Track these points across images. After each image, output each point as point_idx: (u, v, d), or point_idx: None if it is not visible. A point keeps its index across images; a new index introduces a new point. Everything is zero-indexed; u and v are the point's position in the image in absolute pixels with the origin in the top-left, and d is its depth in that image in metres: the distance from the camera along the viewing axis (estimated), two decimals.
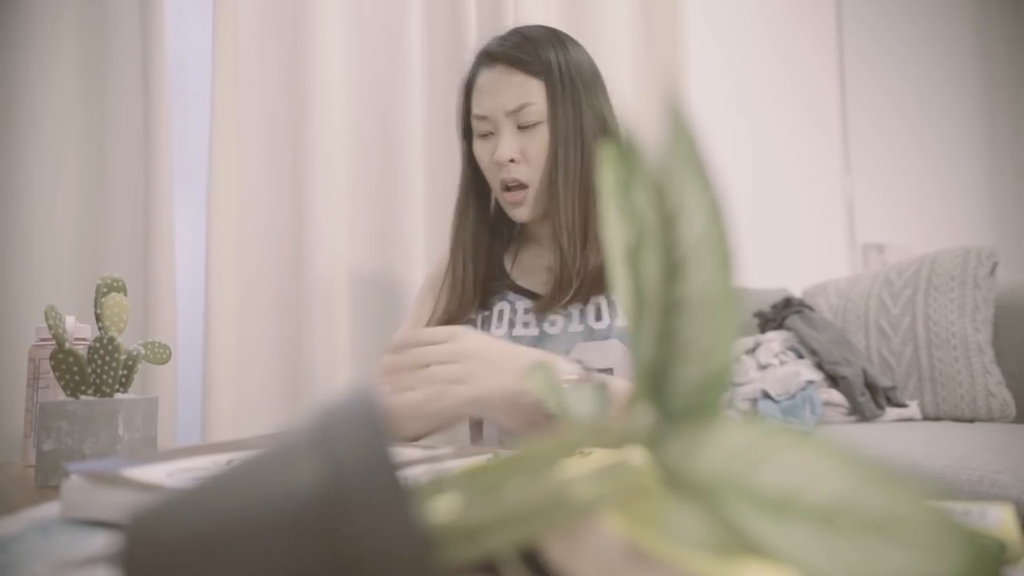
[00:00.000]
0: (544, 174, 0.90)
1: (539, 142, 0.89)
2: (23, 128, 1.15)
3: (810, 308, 1.80)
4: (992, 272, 1.64)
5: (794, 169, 2.44)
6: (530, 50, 0.89)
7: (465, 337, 0.60)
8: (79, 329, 0.83)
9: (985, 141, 2.75)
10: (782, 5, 2.48)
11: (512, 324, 0.93)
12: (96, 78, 1.23)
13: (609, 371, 0.85)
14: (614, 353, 0.86)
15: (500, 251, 1.02)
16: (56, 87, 1.19)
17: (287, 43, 1.37)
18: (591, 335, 0.88)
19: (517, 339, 0.90)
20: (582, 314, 0.89)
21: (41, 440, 0.62)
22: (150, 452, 0.66)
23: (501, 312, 0.94)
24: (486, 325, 0.95)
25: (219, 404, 1.21)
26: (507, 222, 1.00)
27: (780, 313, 1.79)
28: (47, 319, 0.67)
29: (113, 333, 0.68)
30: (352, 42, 1.45)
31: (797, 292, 1.96)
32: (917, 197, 2.63)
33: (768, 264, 2.04)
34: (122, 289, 0.72)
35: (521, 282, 0.97)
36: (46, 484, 0.62)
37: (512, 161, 0.89)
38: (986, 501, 0.41)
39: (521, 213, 0.92)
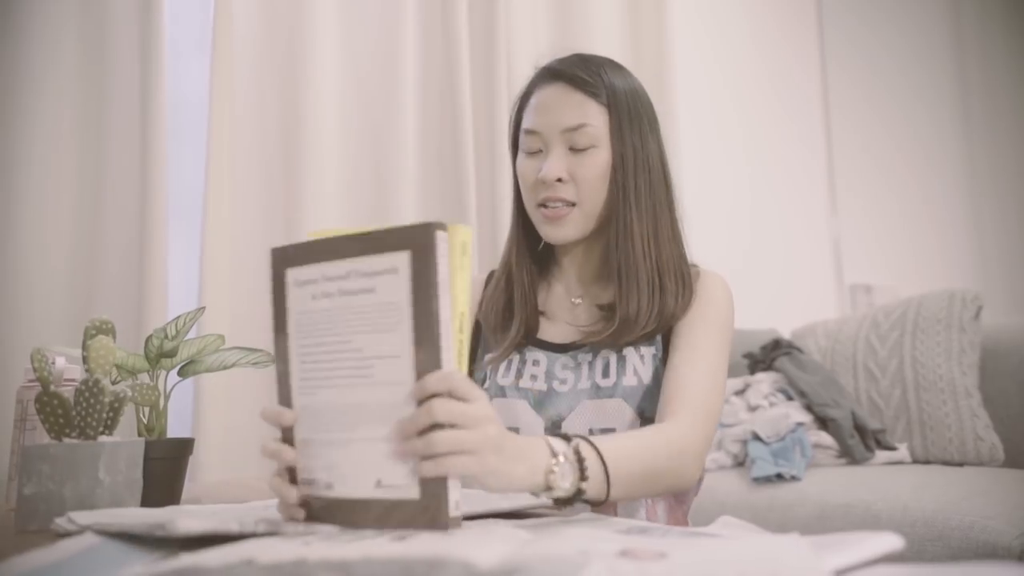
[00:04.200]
0: (594, 200, 0.86)
1: (591, 165, 0.85)
2: (20, 165, 1.17)
3: (799, 350, 1.81)
4: (977, 315, 1.66)
5: (781, 211, 2.47)
6: (594, 73, 0.87)
7: (487, 407, 0.52)
8: (69, 370, 0.82)
9: (967, 184, 2.81)
10: (767, 48, 2.55)
11: (520, 375, 0.88)
12: (94, 116, 1.25)
13: (612, 431, 0.83)
14: (619, 413, 0.84)
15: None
16: (54, 124, 1.20)
17: (283, 83, 1.40)
18: (596, 393, 0.85)
19: (523, 391, 0.88)
20: (591, 368, 0.87)
21: (23, 484, 0.62)
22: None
23: (510, 361, 0.90)
24: (493, 373, 0.91)
25: (208, 441, 1.20)
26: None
27: (769, 355, 1.80)
28: (33, 361, 0.67)
29: (99, 375, 0.68)
30: (347, 83, 1.48)
31: (786, 333, 1.97)
32: (903, 238, 2.67)
33: (757, 305, 2.05)
34: (110, 331, 0.72)
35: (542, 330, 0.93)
36: (26, 529, 0.61)
37: (559, 181, 0.85)
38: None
39: (560, 232, 0.87)
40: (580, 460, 0.59)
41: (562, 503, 0.58)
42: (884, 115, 2.73)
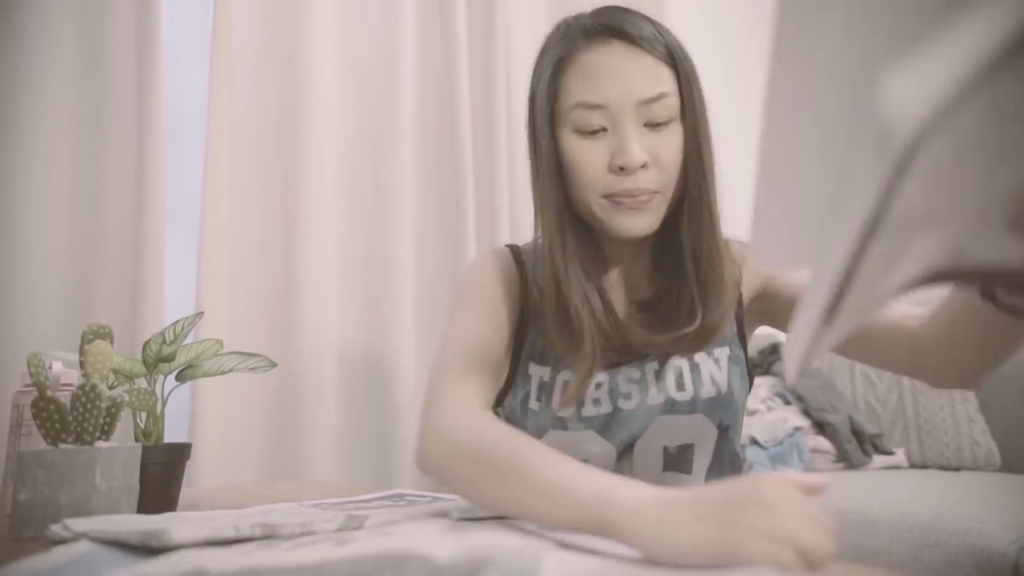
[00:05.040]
0: (673, 185, 0.72)
1: (673, 144, 0.71)
2: (18, 168, 1.16)
3: None
4: None
5: None
6: (657, 32, 0.72)
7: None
8: (66, 375, 0.82)
9: None
10: (764, 52, 2.56)
11: (581, 402, 0.74)
12: (91, 119, 1.25)
13: (691, 447, 0.76)
14: (699, 429, 0.74)
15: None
16: (52, 127, 1.20)
17: (281, 87, 1.40)
18: (672, 408, 0.74)
19: (587, 420, 0.74)
20: (659, 380, 0.75)
21: (18, 490, 0.62)
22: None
23: (566, 383, 0.74)
24: (526, 399, 0.76)
25: (206, 446, 1.19)
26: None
27: (767, 359, 1.80)
28: (29, 366, 0.67)
29: (95, 380, 0.68)
30: (346, 87, 1.48)
31: (783, 338, 1.98)
32: None
33: None
34: (108, 336, 0.72)
35: None
36: (21, 535, 0.61)
37: (643, 167, 0.70)
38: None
39: (644, 222, 0.71)
40: None
41: None
42: None
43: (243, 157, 1.35)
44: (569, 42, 0.73)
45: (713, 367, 0.76)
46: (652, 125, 0.71)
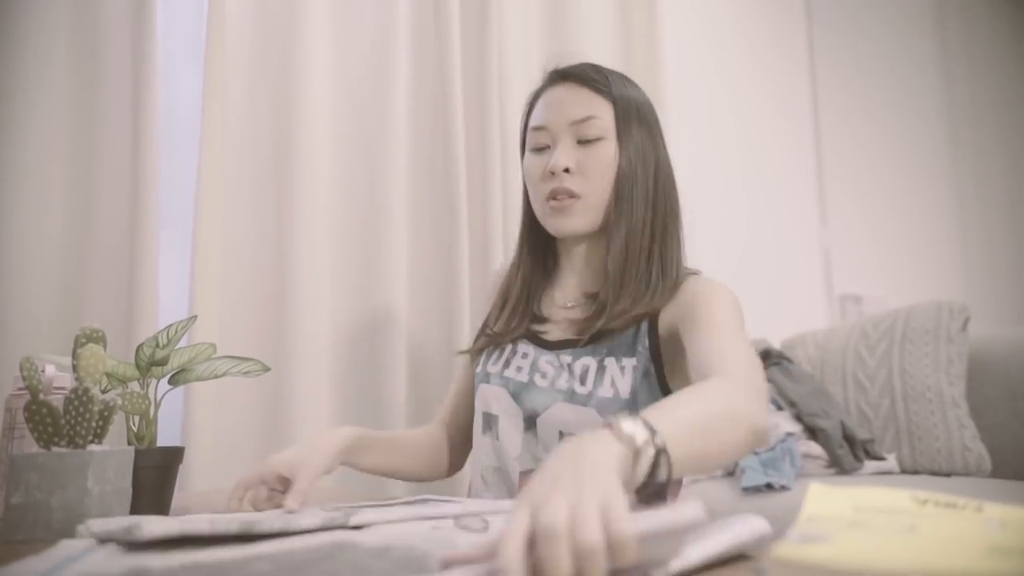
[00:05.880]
0: (600, 192, 0.88)
1: (600, 157, 0.87)
2: (12, 172, 1.16)
3: (789, 360, 1.81)
4: (964, 326, 1.68)
5: (772, 222, 2.49)
6: (602, 76, 0.91)
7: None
8: (59, 378, 0.82)
9: (954, 196, 2.84)
10: (757, 58, 2.58)
11: (507, 364, 0.92)
12: (86, 123, 1.25)
13: None
14: (591, 423, 0.83)
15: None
16: (46, 131, 1.20)
17: (275, 92, 1.40)
18: (571, 398, 0.86)
19: (505, 379, 0.91)
20: (570, 372, 0.87)
21: (10, 493, 0.62)
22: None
23: (502, 350, 0.94)
24: (486, 358, 0.96)
25: (199, 449, 1.19)
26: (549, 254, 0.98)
27: None
28: (22, 370, 0.67)
29: (88, 384, 0.68)
30: (340, 92, 1.48)
31: (776, 343, 1.98)
32: (893, 249, 2.69)
33: (747, 315, 2.06)
34: (101, 340, 0.72)
35: (541, 325, 0.95)
36: (12, 539, 0.61)
37: (566, 171, 0.87)
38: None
39: (567, 223, 0.88)
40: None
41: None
42: (873, 127, 2.76)
43: (237, 161, 1.36)
44: (541, 86, 0.96)
45: (617, 372, 0.85)
46: (583, 141, 0.89)
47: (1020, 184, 2.76)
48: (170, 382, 0.81)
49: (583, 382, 0.86)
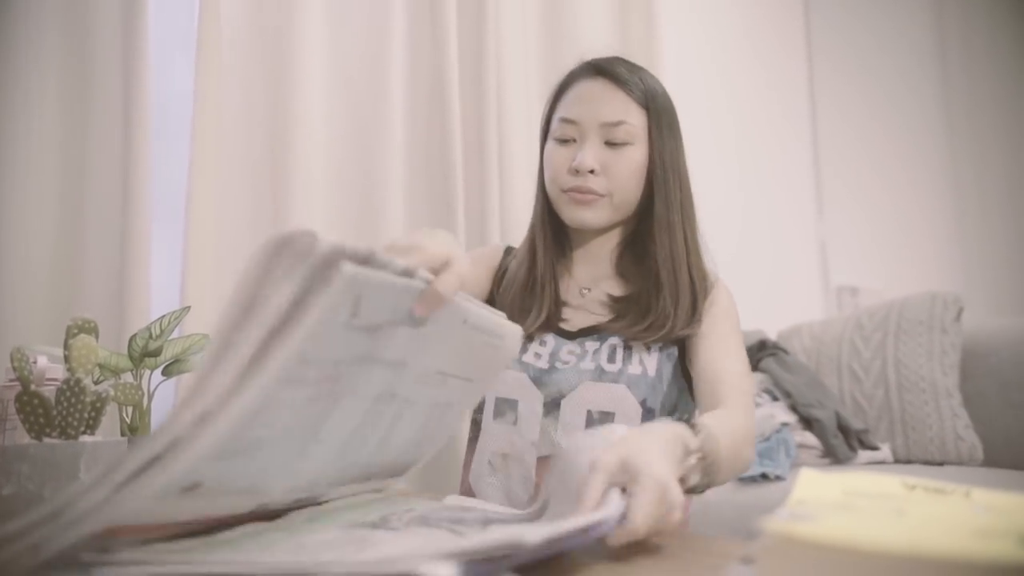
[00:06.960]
0: (622, 193, 0.90)
1: (627, 163, 0.90)
2: (2, 165, 1.15)
3: (784, 351, 1.82)
4: (958, 317, 1.68)
5: (768, 213, 2.49)
6: (636, 77, 0.92)
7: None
8: (51, 369, 0.82)
9: (951, 188, 2.84)
10: (755, 51, 2.57)
11: (524, 350, 0.91)
12: (77, 114, 1.24)
13: (611, 416, 0.85)
14: (621, 399, 0.85)
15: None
16: (36, 123, 1.19)
17: (269, 83, 1.39)
18: (600, 376, 0.87)
19: (524, 364, 0.90)
20: (596, 353, 0.89)
21: (1, 484, 0.61)
22: None
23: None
24: None
25: None
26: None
27: (755, 356, 1.81)
28: (12, 361, 0.67)
29: (80, 375, 0.67)
30: (334, 84, 1.47)
31: (772, 334, 1.99)
32: (889, 240, 2.70)
33: (743, 306, 2.06)
34: (93, 330, 0.72)
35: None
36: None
37: (591, 172, 0.89)
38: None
39: (587, 215, 0.90)
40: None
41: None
42: (870, 118, 2.76)
43: (230, 153, 1.35)
44: (570, 76, 0.96)
45: (644, 352, 0.89)
46: (611, 144, 0.90)
47: (1017, 176, 2.76)
48: (163, 373, 0.80)
49: (611, 360, 0.88)
